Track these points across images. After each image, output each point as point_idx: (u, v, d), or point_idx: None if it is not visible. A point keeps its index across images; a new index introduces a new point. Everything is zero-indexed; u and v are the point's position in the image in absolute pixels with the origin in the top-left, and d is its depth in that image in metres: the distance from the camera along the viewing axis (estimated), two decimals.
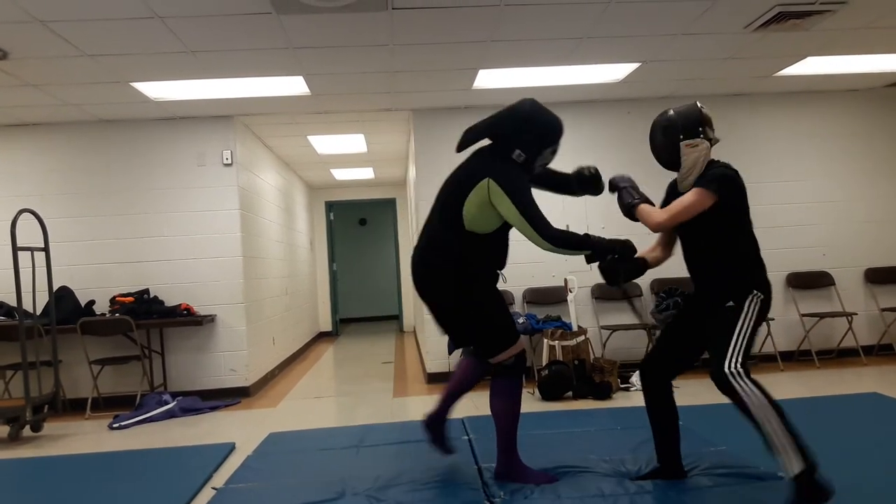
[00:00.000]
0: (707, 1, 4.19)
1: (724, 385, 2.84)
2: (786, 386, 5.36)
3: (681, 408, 4.67)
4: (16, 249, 4.92)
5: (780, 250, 6.48)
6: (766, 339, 6.16)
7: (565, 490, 3.05)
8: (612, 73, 5.61)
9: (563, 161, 6.57)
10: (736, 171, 2.95)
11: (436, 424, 3.55)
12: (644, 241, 6.44)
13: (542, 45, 4.81)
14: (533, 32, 4.56)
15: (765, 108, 6.54)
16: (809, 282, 6.45)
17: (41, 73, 4.80)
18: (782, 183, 6.49)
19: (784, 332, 6.28)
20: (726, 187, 2.87)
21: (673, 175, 3.18)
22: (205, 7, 3.85)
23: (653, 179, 6.74)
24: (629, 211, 3.25)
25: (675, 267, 6.57)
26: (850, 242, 6.58)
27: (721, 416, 3.94)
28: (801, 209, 6.54)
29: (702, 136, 2.97)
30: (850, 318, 6.25)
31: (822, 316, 6.26)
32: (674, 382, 5.79)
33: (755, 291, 2.87)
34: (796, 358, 6.32)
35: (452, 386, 3.62)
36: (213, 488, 3.46)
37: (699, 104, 3.05)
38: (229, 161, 6.25)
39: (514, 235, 3.41)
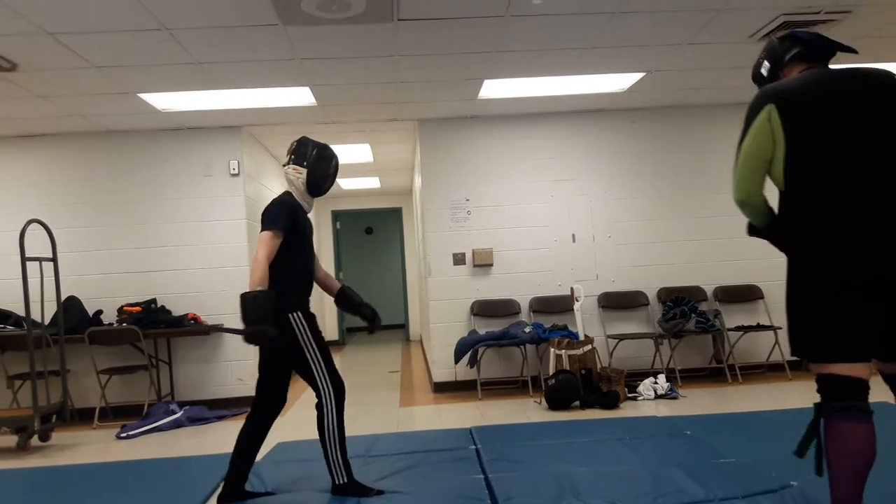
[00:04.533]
0: (711, 11, 4.20)
1: None
2: (794, 395, 5.33)
3: (687, 417, 4.68)
4: (24, 259, 4.95)
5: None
6: (773, 347, 6.13)
7: (574, 503, 3.03)
8: (618, 82, 5.62)
9: (569, 168, 6.62)
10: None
11: None
12: (643, 249, 6.42)
13: (548, 55, 4.82)
14: (538, 43, 4.57)
15: None
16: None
17: (50, 84, 4.84)
18: None
19: None
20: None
21: None
22: (212, 19, 3.88)
23: (654, 189, 6.74)
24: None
25: (683, 276, 6.56)
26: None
27: (728, 426, 3.94)
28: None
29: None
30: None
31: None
32: (679, 391, 5.82)
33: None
34: (805, 367, 6.28)
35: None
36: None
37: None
38: (236, 171, 6.28)
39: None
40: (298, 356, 3.28)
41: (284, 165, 3.43)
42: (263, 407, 3.41)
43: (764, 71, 2.68)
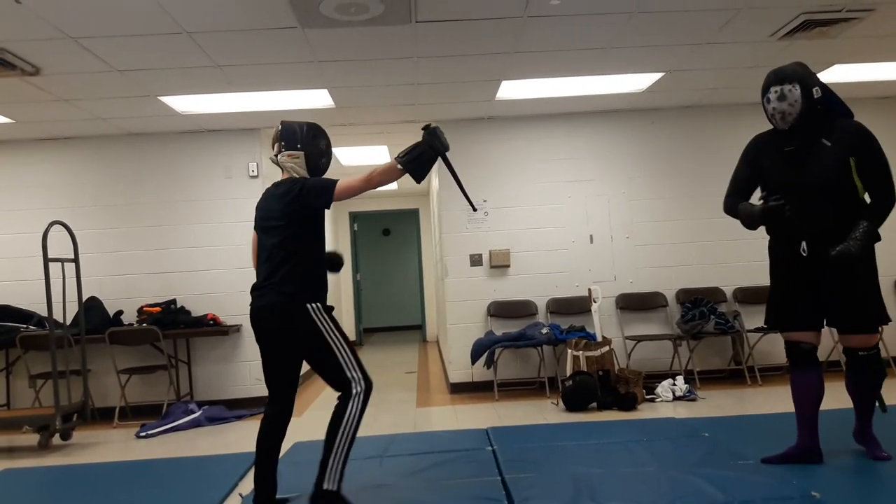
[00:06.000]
0: (731, 10, 4.17)
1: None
2: None
3: (706, 419, 4.65)
4: (47, 261, 5.02)
5: None
6: None
7: None
8: (636, 82, 5.59)
9: (586, 169, 6.60)
10: None
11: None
12: (662, 250, 6.38)
13: (566, 55, 4.81)
14: (556, 43, 4.57)
15: None
16: None
17: (72, 88, 4.90)
18: None
19: None
20: None
21: None
22: (231, 22, 3.92)
23: (673, 190, 6.70)
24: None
25: (702, 277, 6.50)
26: (880, 253, 6.44)
27: (747, 428, 3.91)
28: None
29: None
30: (880, 329, 6.13)
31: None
32: (698, 393, 5.78)
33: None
34: (825, 369, 6.19)
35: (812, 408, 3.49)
36: (240, 495, 3.48)
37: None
38: (255, 173, 6.33)
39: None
40: (320, 349, 3.06)
41: (276, 155, 3.22)
42: (277, 406, 3.19)
43: (816, 94, 3.30)
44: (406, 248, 13.27)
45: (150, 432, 5.30)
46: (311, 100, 5.50)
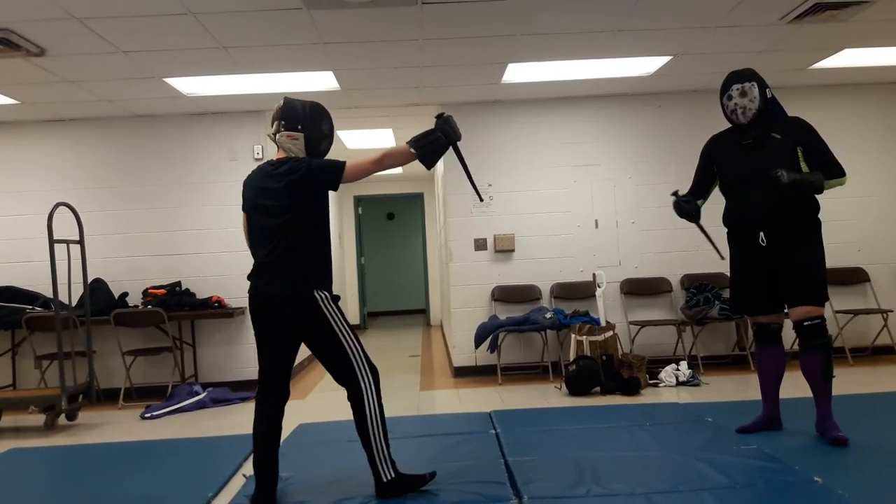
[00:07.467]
0: None
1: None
2: None
3: (709, 404, 4.66)
4: (52, 242, 5.03)
5: None
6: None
7: (594, 488, 3.03)
8: (644, 66, 5.55)
9: (592, 154, 6.57)
10: None
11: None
12: (667, 235, 6.37)
13: (573, 38, 4.77)
14: (564, 25, 4.53)
15: (800, 101, 6.37)
16: (844, 278, 6.31)
17: (77, 69, 4.89)
18: None
19: None
20: None
21: None
22: (237, 3, 3.89)
23: (679, 174, 6.65)
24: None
25: (706, 263, 6.47)
26: (886, 238, 6.44)
27: (750, 414, 3.91)
28: (835, 204, 6.34)
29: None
30: (885, 315, 6.13)
31: (856, 313, 6.14)
32: (701, 378, 5.79)
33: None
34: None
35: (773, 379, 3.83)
36: (244, 475, 3.50)
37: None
38: (260, 156, 6.31)
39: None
40: (327, 340, 2.94)
41: (275, 134, 3.06)
42: (274, 397, 3.09)
43: (768, 94, 3.66)
44: (410, 232, 13.25)
45: (154, 413, 5.33)
46: (316, 82, 5.48)
